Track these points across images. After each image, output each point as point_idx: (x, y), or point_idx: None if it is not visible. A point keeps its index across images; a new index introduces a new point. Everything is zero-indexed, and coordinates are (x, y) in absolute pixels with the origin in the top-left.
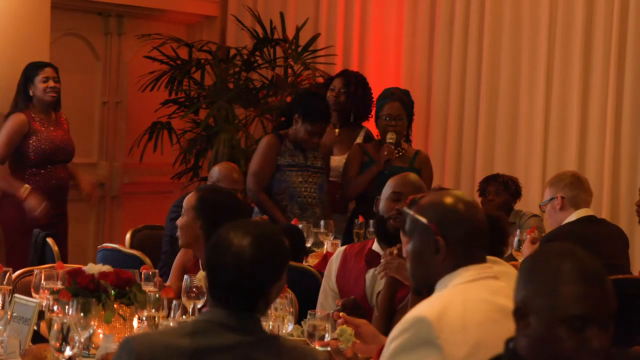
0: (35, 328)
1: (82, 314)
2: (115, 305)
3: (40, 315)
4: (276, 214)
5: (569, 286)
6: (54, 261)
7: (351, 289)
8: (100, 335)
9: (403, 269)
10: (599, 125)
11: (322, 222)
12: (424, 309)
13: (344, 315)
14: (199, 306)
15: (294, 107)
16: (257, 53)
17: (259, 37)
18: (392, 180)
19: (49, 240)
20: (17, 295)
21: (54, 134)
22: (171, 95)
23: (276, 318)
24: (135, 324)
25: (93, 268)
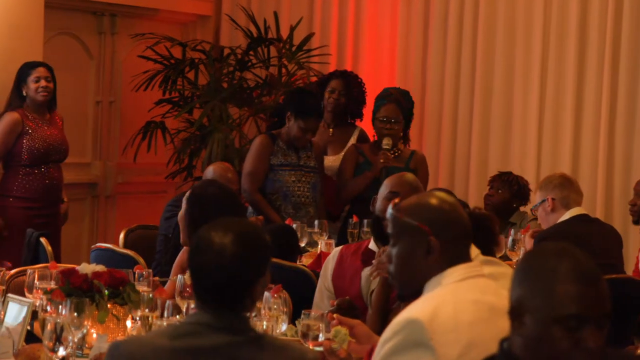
0: (28, 328)
1: (76, 314)
2: (108, 305)
3: (33, 315)
4: (271, 214)
5: (564, 286)
6: (47, 261)
7: (347, 288)
8: (93, 335)
9: None
10: (593, 125)
11: (316, 222)
12: (415, 311)
13: (337, 316)
14: (193, 306)
15: (286, 106)
16: (251, 52)
17: (253, 37)
18: (389, 179)
19: (43, 240)
20: (11, 295)
21: (48, 133)
22: (165, 95)
23: (270, 318)
24: (128, 323)
25: (87, 268)
